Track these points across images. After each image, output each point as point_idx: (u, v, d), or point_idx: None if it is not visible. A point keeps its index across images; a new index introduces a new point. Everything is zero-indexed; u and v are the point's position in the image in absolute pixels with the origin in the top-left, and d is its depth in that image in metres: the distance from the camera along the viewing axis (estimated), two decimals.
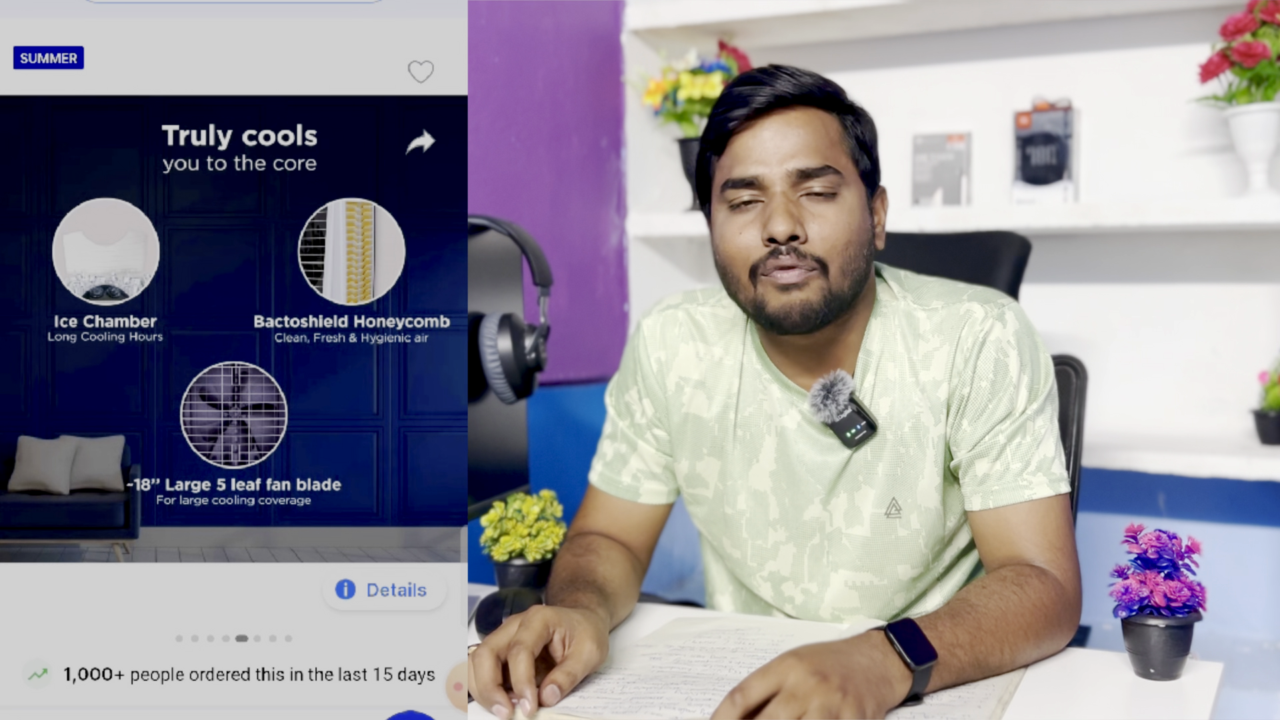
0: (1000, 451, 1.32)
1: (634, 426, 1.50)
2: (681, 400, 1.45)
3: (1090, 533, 2.22)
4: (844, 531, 1.40)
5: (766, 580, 1.46)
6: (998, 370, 1.33)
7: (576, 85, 2.62)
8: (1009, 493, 1.31)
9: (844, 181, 1.29)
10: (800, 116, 1.28)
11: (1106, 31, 2.56)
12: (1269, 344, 2.46)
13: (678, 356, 1.46)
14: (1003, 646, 1.17)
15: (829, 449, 1.38)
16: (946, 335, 1.35)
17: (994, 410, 1.33)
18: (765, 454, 1.41)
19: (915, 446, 1.36)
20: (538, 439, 2.24)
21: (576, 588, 1.31)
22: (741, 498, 1.43)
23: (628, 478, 1.50)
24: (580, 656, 1.14)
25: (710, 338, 1.45)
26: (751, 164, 1.27)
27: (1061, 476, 1.32)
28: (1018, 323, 1.35)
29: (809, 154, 1.27)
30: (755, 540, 1.44)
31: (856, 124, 1.33)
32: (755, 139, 1.27)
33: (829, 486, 1.39)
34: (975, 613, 1.17)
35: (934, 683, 1.11)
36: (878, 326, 1.37)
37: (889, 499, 1.37)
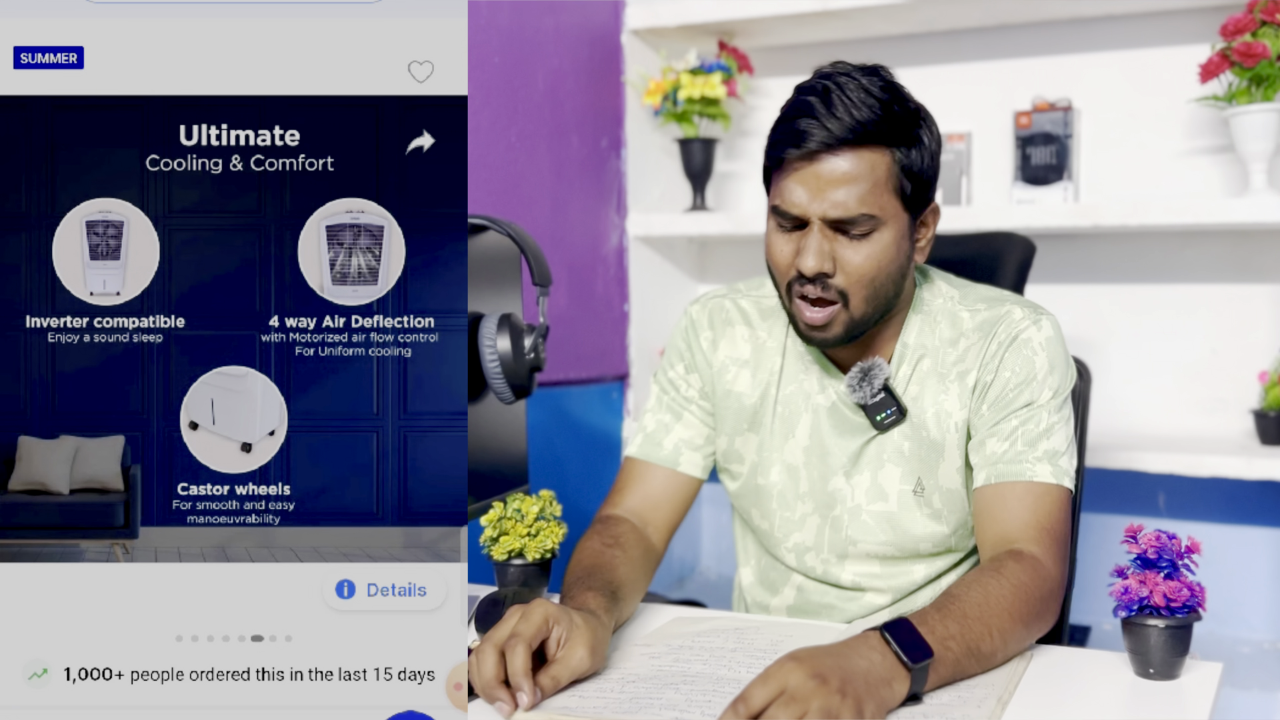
0: (1011, 434, 1.37)
1: (680, 399, 1.56)
2: (726, 378, 1.53)
3: (1090, 533, 2.23)
4: (865, 507, 1.46)
5: (791, 551, 1.52)
6: (1024, 365, 1.39)
7: (576, 85, 2.62)
8: (1012, 471, 1.35)
9: (881, 222, 1.34)
10: (848, 161, 1.32)
11: (1106, 31, 2.56)
12: (1269, 344, 2.46)
13: (725, 337, 1.54)
14: (991, 631, 1.19)
15: (859, 429, 1.46)
16: (984, 332, 1.42)
17: (1014, 400, 1.38)
18: (801, 430, 1.49)
19: (939, 431, 1.43)
20: (537, 439, 2.24)
21: (590, 585, 1.31)
22: (775, 470, 1.50)
23: (669, 445, 1.55)
24: (568, 663, 1.15)
25: (755, 323, 1.54)
26: (795, 204, 1.34)
27: (1067, 471, 1.36)
28: (1052, 330, 1.42)
29: (849, 204, 1.32)
30: (784, 512, 1.51)
31: (914, 151, 1.35)
32: (801, 182, 1.33)
33: (853, 460, 1.46)
34: (959, 603, 1.19)
35: (932, 680, 1.12)
36: (917, 322, 1.45)
37: (915, 477, 1.44)
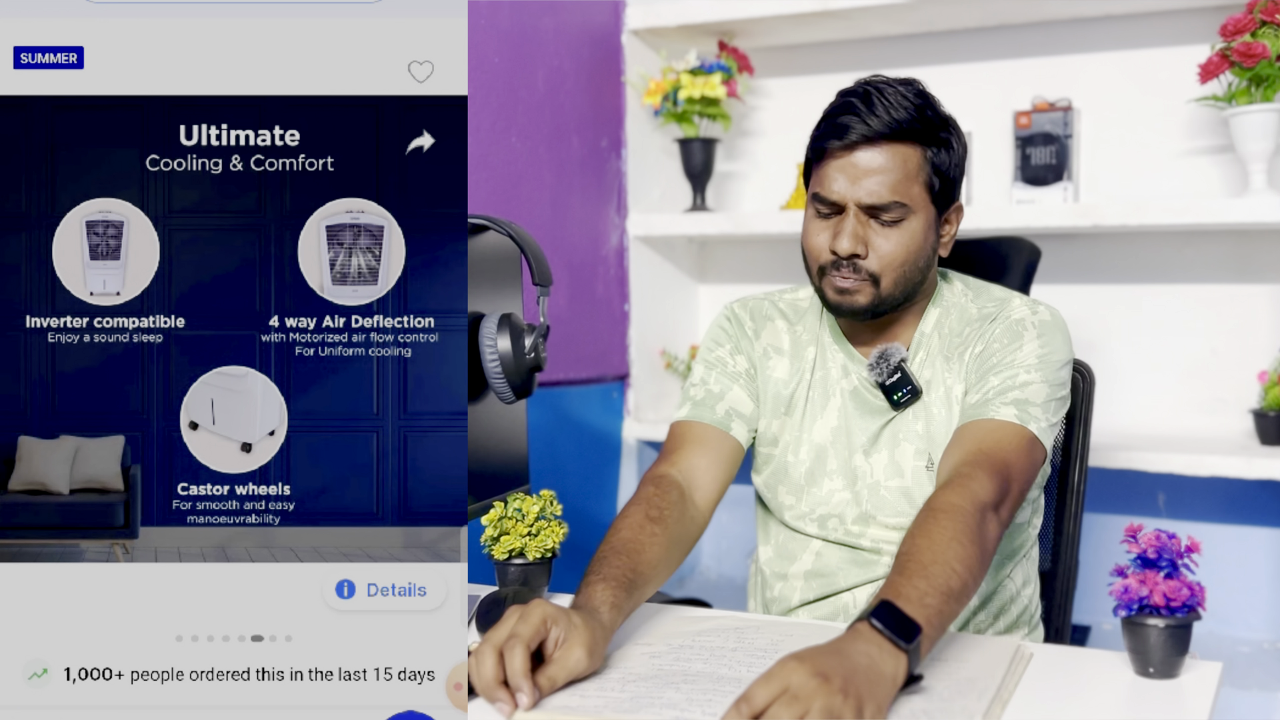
0: (986, 385, 1.47)
1: (728, 373, 1.62)
2: (768, 365, 1.62)
3: (1090, 533, 2.22)
4: (883, 484, 1.54)
5: (815, 520, 1.58)
6: (1011, 334, 1.49)
7: (576, 85, 2.63)
8: (977, 412, 1.44)
9: (911, 211, 1.47)
10: (884, 154, 1.46)
11: (1106, 31, 2.56)
12: (1269, 344, 2.46)
13: (766, 329, 1.64)
14: (953, 567, 1.20)
15: (880, 410, 1.56)
16: (985, 318, 1.54)
17: (998, 361, 1.48)
18: (830, 411, 1.59)
19: (946, 409, 1.52)
20: (537, 439, 2.24)
21: (606, 574, 1.30)
22: (804, 448, 1.59)
23: (721, 411, 1.59)
24: (565, 663, 1.15)
25: (792, 318, 1.65)
26: (834, 190, 1.47)
27: (1036, 418, 1.42)
28: (1049, 315, 1.52)
29: (882, 191, 1.46)
30: (811, 488, 1.58)
31: (943, 153, 1.49)
32: (841, 170, 1.47)
33: (873, 440, 1.55)
34: (914, 557, 1.21)
35: (925, 647, 1.13)
36: (935, 314, 1.57)
37: (926, 454, 1.53)
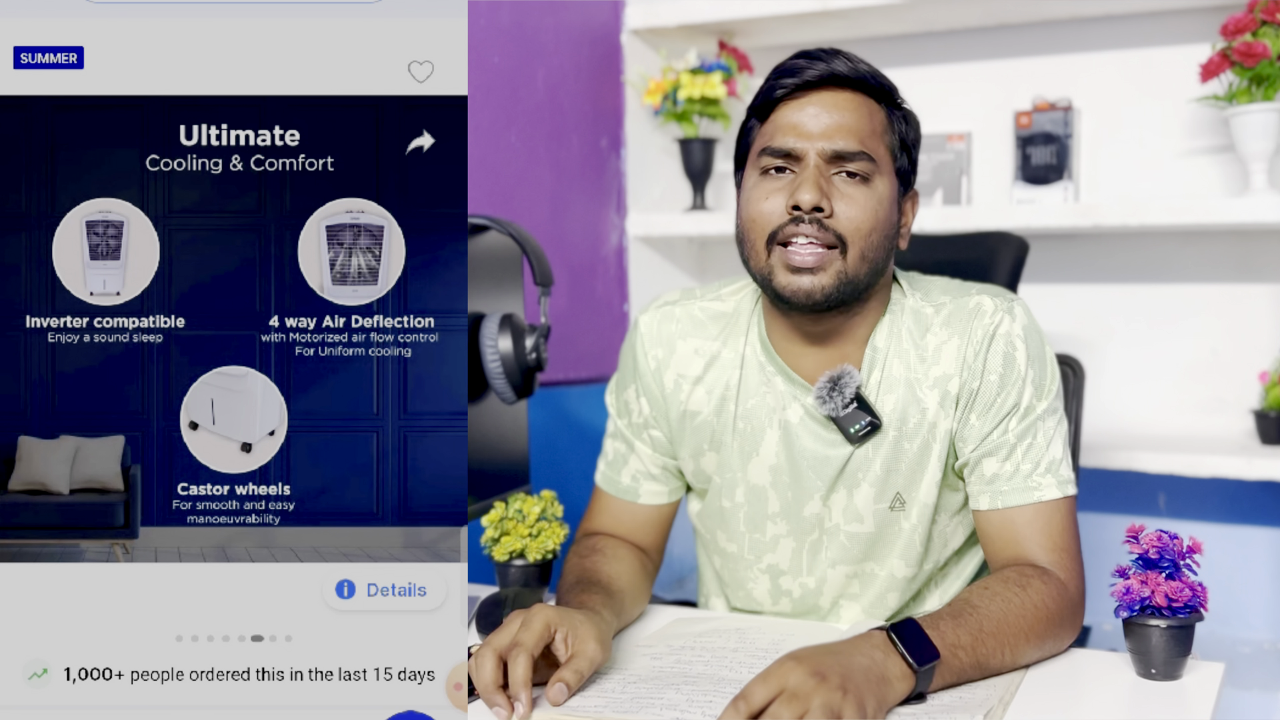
0: (1010, 451, 1.32)
1: (631, 426, 1.49)
2: (680, 398, 1.44)
3: (1091, 533, 2.22)
4: (842, 528, 1.39)
5: (764, 573, 1.44)
6: (1006, 363, 1.32)
7: (576, 85, 2.62)
8: (1018, 494, 1.31)
9: (878, 170, 1.29)
10: (848, 99, 1.29)
11: (1106, 31, 2.56)
12: (1269, 344, 2.45)
13: (675, 354, 1.45)
14: (1004, 649, 1.17)
15: (832, 444, 1.37)
16: (955, 328, 1.34)
17: (1002, 404, 1.32)
18: (766, 447, 1.40)
19: (919, 442, 1.35)
20: (538, 439, 2.24)
21: (582, 589, 1.31)
22: (740, 491, 1.42)
23: (627, 478, 1.50)
24: (585, 654, 1.14)
25: (709, 332, 1.44)
26: (790, 136, 1.28)
27: (1069, 479, 1.33)
28: (1026, 318, 1.35)
29: (848, 136, 1.27)
30: (753, 534, 1.43)
31: (903, 123, 1.35)
32: (799, 112, 1.28)
33: (829, 483, 1.38)
34: (977, 614, 1.17)
35: (935, 683, 1.12)
36: (886, 323, 1.37)
37: (891, 493, 1.37)
